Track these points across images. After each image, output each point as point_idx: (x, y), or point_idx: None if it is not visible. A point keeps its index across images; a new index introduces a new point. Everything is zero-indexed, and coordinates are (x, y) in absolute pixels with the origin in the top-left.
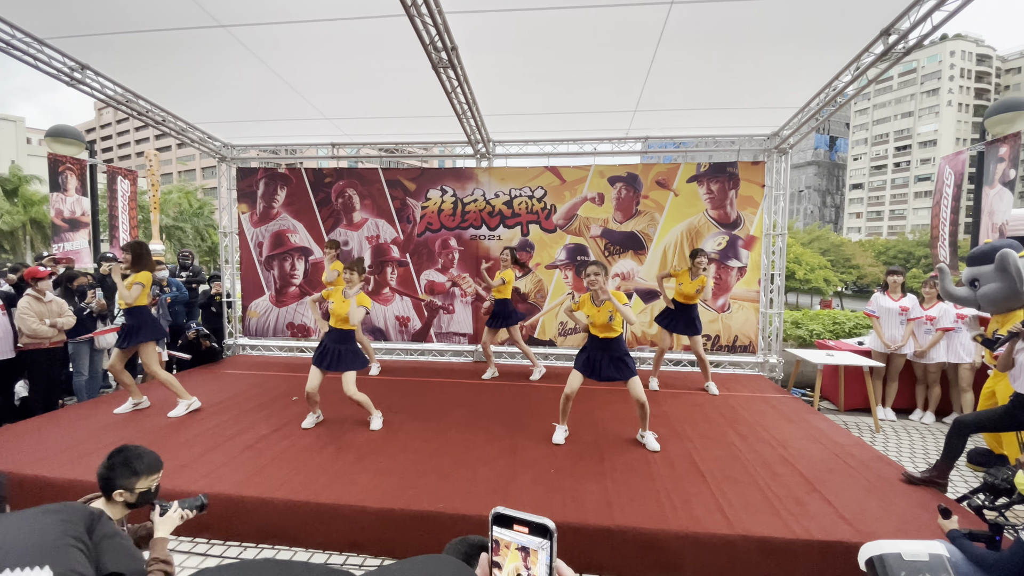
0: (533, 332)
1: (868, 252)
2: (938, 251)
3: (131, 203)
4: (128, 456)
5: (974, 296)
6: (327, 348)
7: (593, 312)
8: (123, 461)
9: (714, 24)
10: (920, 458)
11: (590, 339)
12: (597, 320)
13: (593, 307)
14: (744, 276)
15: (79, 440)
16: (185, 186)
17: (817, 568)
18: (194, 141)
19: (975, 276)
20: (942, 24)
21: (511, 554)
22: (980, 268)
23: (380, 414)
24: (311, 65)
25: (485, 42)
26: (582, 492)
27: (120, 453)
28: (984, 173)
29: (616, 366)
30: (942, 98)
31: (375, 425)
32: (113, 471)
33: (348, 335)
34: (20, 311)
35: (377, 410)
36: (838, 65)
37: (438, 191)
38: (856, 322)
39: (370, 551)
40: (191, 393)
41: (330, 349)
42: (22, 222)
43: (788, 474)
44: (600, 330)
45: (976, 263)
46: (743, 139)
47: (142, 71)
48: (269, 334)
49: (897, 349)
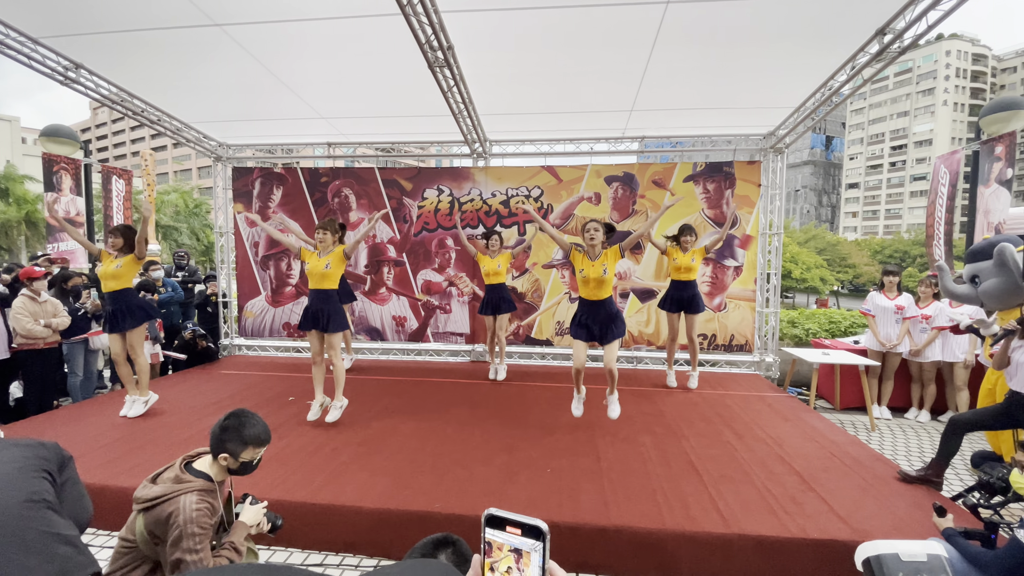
0: (530, 331)
1: (864, 251)
2: (933, 250)
3: (126, 203)
4: (243, 422)
5: (975, 293)
6: (311, 311)
7: (587, 265)
8: (236, 425)
9: (710, 24)
10: (916, 456)
11: (581, 304)
12: (591, 275)
13: (588, 261)
14: (740, 275)
15: (74, 441)
16: (181, 186)
17: (813, 567)
18: (190, 141)
19: (975, 272)
20: (937, 24)
21: (504, 556)
22: (980, 264)
23: (344, 403)
24: (307, 64)
25: (481, 41)
26: (578, 491)
27: (236, 417)
28: (979, 172)
29: (609, 326)
30: (938, 97)
31: (333, 416)
32: (226, 433)
33: (330, 295)
34: (15, 311)
35: (346, 398)
36: (834, 65)
37: (435, 191)
38: (852, 321)
39: (366, 551)
40: (188, 393)
41: (313, 311)
42: (17, 220)
43: (784, 473)
44: (593, 288)
45: (975, 259)
46: (739, 139)
47: (137, 70)
48: (265, 334)
49: (893, 348)
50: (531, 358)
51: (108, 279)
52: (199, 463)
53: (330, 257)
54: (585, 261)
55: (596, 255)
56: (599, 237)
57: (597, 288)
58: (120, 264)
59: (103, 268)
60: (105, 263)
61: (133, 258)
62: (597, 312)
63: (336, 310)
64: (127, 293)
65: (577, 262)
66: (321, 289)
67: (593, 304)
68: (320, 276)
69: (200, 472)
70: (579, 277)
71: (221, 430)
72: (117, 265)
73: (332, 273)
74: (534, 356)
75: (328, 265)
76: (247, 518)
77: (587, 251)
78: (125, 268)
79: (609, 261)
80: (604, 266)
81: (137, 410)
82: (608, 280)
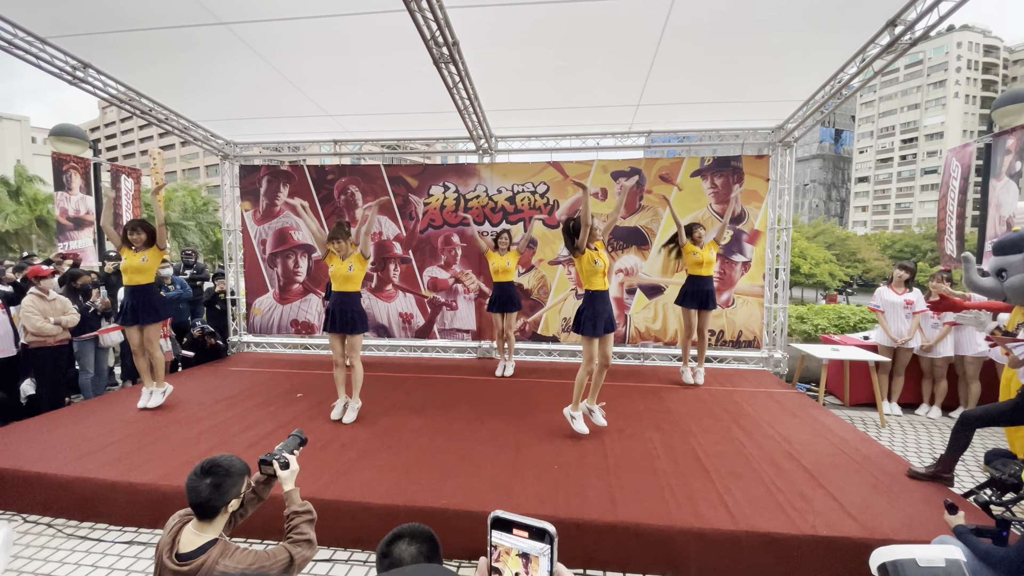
0: (536, 328)
1: (874, 246)
2: (945, 244)
3: (135, 201)
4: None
5: (1000, 287)
6: (334, 312)
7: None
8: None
9: (717, 16)
10: (926, 453)
11: (600, 298)
12: (607, 263)
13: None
14: (748, 271)
15: (86, 437)
16: (189, 184)
17: (822, 564)
18: (197, 139)
19: (1003, 266)
20: (949, 15)
21: (512, 560)
22: (1009, 258)
23: (359, 405)
24: (312, 62)
25: (487, 37)
26: (585, 488)
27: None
28: (991, 165)
29: (611, 319)
30: (949, 90)
31: (349, 417)
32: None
33: (353, 297)
34: (24, 309)
35: (361, 400)
36: (843, 57)
37: (440, 187)
38: (861, 316)
39: (373, 547)
40: (198, 390)
41: (337, 312)
42: (28, 221)
43: (793, 469)
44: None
45: (1004, 252)
46: (747, 132)
47: (144, 69)
48: (273, 331)
49: (904, 343)
50: (537, 354)
51: (133, 272)
52: (194, 540)
53: (352, 260)
54: (600, 253)
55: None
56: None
57: (606, 277)
58: (146, 257)
59: (127, 262)
60: (128, 257)
61: (156, 250)
62: (607, 304)
63: (359, 312)
64: (150, 288)
65: (595, 255)
66: (345, 291)
67: (606, 296)
68: (344, 278)
69: (205, 546)
70: (596, 269)
71: (215, 487)
72: (143, 259)
73: (355, 275)
74: (540, 352)
75: (351, 267)
76: (291, 483)
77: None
78: (151, 261)
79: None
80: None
81: (156, 400)
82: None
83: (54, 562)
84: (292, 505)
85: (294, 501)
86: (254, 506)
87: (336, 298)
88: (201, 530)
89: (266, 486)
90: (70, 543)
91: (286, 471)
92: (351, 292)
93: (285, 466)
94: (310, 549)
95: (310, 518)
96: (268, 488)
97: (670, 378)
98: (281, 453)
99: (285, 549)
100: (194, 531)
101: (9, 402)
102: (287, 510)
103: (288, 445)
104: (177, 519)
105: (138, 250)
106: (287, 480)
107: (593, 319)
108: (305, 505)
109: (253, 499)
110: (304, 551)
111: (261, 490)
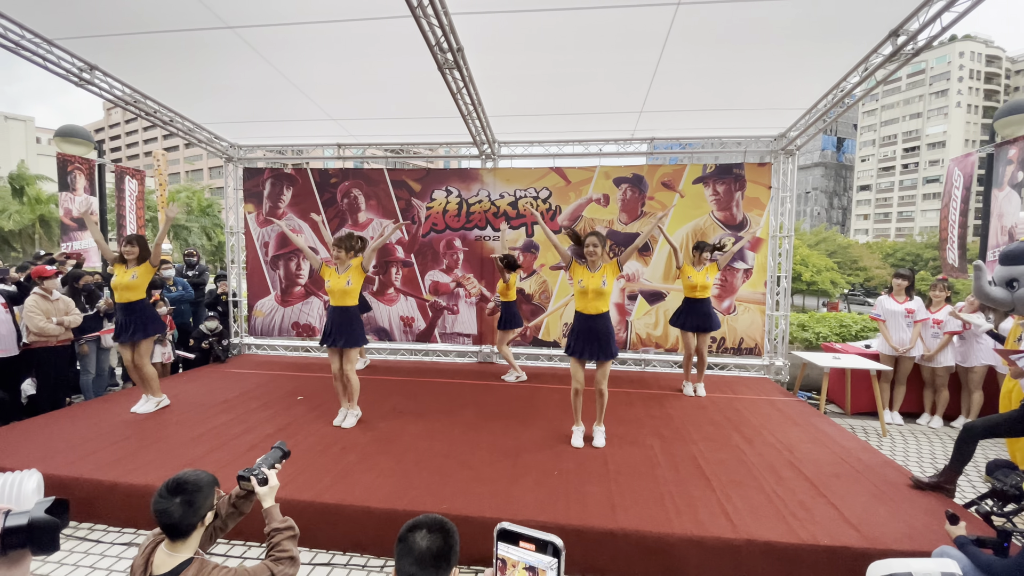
0: (537, 333)
1: (876, 254)
2: (947, 253)
3: (139, 202)
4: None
5: (1011, 297)
6: (330, 328)
7: (587, 276)
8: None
9: (721, 25)
10: (928, 463)
11: (577, 318)
12: (590, 285)
13: (587, 272)
14: (750, 278)
15: (86, 438)
16: (192, 186)
17: (822, 574)
18: (201, 141)
19: (1014, 276)
20: (951, 25)
21: (518, 573)
22: (1019, 268)
23: (359, 413)
24: (317, 66)
25: (491, 43)
26: (585, 494)
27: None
28: (993, 175)
29: (601, 345)
30: (951, 99)
31: (348, 423)
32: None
33: (349, 311)
34: (27, 309)
35: (359, 408)
36: (846, 66)
37: (443, 192)
38: (863, 325)
39: (373, 551)
40: (198, 392)
41: (334, 326)
42: (31, 220)
43: (793, 478)
44: (591, 300)
45: (1012, 262)
46: (749, 140)
47: (150, 72)
48: (274, 333)
49: (906, 352)
50: (538, 359)
51: (123, 289)
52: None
53: (349, 273)
54: (585, 272)
55: (596, 268)
56: (598, 252)
57: (596, 299)
58: (136, 275)
59: (117, 279)
60: (119, 274)
61: (148, 266)
62: (594, 327)
63: (353, 327)
64: (140, 305)
65: (576, 273)
66: (341, 306)
67: (590, 319)
68: (341, 293)
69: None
70: (577, 289)
71: (187, 504)
72: (133, 276)
73: (352, 289)
74: (541, 358)
75: (349, 282)
76: (270, 500)
77: (588, 263)
78: (140, 278)
79: (608, 274)
80: (603, 278)
81: (147, 408)
82: (607, 293)
83: (53, 562)
84: (272, 522)
85: (274, 518)
86: (235, 520)
87: (332, 313)
88: (175, 550)
89: (247, 500)
90: (69, 544)
91: (264, 487)
92: (348, 307)
93: (264, 482)
94: (292, 567)
95: (292, 534)
96: (249, 502)
97: (671, 385)
98: (260, 468)
99: (267, 567)
100: (167, 552)
101: (10, 402)
102: (267, 527)
103: (269, 459)
104: (151, 538)
105: (131, 265)
106: (266, 496)
107: (574, 335)
108: (286, 521)
109: (234, 513)
110: (286, 568)
111: (242, 504)
